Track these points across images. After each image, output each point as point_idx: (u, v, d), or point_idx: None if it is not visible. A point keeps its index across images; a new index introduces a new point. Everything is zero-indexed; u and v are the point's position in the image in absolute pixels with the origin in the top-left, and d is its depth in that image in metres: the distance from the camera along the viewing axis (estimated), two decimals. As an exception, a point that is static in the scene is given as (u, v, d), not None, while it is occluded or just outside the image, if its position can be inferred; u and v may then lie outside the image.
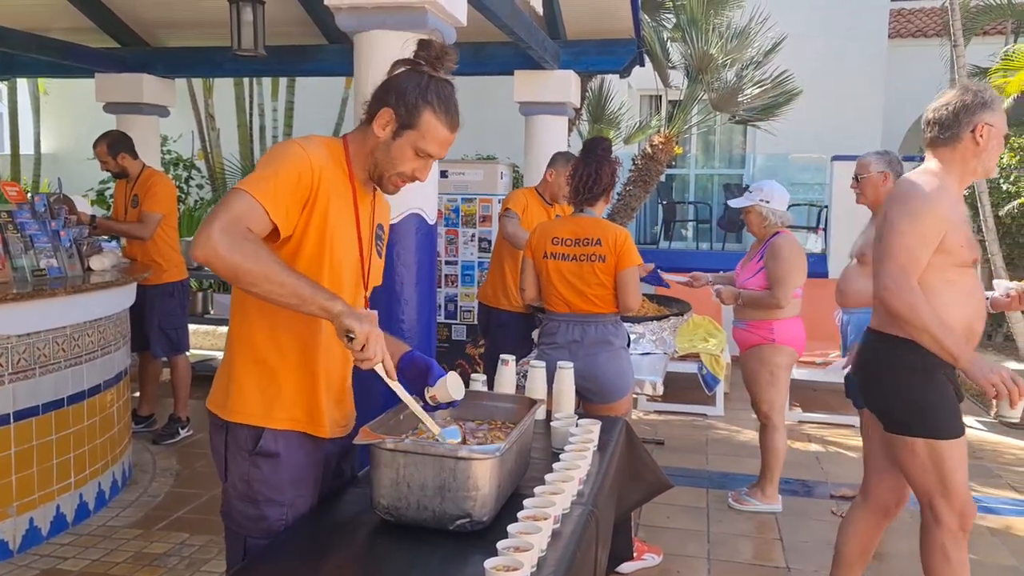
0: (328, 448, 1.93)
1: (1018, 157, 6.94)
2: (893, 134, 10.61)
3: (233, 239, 1.58)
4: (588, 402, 3.28)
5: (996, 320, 7.19)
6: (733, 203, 4.23)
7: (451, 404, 1.94)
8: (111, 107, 6.26)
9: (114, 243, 5.35)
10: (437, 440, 1.84)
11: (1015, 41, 8.47)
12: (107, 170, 5.03)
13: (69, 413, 3.71)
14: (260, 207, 1.66)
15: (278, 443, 1.83)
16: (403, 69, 1.85)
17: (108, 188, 8.44)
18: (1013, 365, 6.15)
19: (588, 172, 3.29)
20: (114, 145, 4.94)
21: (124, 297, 4.25)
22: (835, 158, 7.90)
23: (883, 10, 10.32)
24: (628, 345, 3.44)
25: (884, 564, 3.65)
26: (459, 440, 1.87)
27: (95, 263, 4.26)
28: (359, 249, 1.89)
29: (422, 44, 1.84)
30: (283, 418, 1.83)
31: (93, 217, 4.89)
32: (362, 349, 1.63)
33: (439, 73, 1.83)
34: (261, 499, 1.82)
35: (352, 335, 1.62)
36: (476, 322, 5.85)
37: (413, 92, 1.79)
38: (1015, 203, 6.55)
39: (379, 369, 1.71)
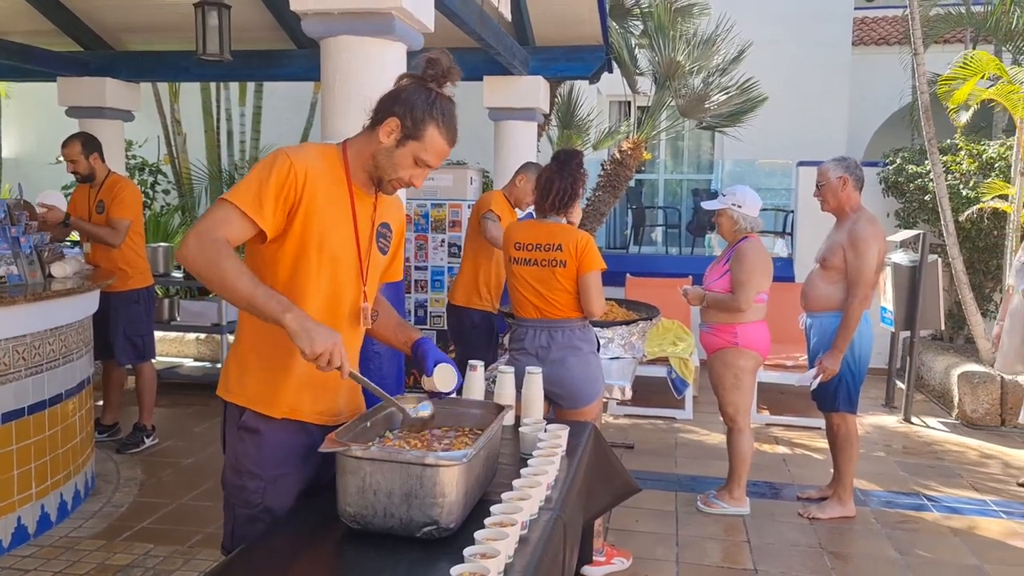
0: (317, 435, 1.95)
1: (977, 163, 7.07)
2: (858, 139, 10.80)
3: (202, 244, 1.75)
4: (557, 407, 3.29)
5: (956, 323, 7.32)
6: (706, 204, 4.27)
7: (441, 395, 2.07)
8: (74, 111, 6.16)
9: (77, 249, 5.26)
10: (410, 414, 2.00)
11: (974, 48, 8.65)
12: (75, 171, 4.91)
13: (30, 423, 3.64)
14: (239, 213, 1.81)
15: (258, 421, 1.97)
16: (410, 82, 1.95)
17: (71, 192, 8.28)
18: (973, 367, 6.27)
19: (564, 186, 3.30)
20: (88, 144, 4.88)
21: (87, 304, 4.18)
22: (800, 163, 8.01)
23: (847, 18, 10.53)
24: (597, 350, 3.46)
25: (847, 564, 3.71)
26: (430, 413, 2.02)
27: (56, 270, 4.19)
28: (356, 247, 1.99)
29: (430, 62, 1.93)
30: (254, 399, 1.97)
31: (67, 215, 4.80)
32: (316, 359, 1.75)
33: (443, 90, 1.95)
34: (243, 470, 1.98)
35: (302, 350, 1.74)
36: (446, 327, 5.82)
37: (420, 107, 1.91)
38: (974, 208, 6.67)
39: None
